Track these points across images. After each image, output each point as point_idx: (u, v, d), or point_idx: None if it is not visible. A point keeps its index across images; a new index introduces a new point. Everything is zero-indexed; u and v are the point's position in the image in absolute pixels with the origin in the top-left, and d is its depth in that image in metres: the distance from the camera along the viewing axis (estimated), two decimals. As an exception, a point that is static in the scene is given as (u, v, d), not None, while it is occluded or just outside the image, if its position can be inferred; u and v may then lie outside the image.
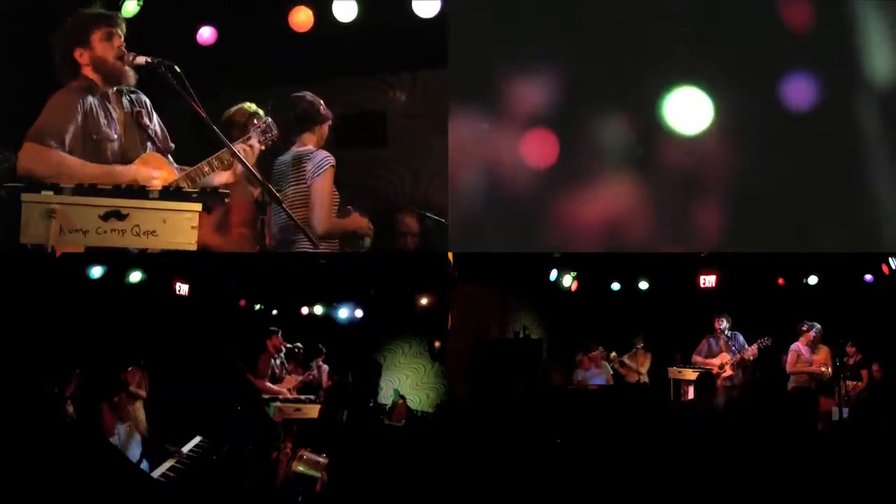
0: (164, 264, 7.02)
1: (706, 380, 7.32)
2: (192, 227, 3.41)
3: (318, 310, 9.81)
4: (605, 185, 4.52)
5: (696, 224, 4.50)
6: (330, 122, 4.82)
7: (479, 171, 4.61)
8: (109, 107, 3.94)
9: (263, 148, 4.37)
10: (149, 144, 4.05)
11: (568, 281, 8.72)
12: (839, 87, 4.38)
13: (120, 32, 3.94)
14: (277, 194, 4.08)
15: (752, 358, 7.69)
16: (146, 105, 4.14)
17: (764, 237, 4.44)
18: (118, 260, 6.33)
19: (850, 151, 4.39)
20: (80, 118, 3.78)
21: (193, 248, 3.45)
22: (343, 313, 9.78)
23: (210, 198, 3.53)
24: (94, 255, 5.77)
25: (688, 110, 4.42)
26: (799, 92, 4.37)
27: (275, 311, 9.34)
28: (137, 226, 3.35)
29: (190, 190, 3.59)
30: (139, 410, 5.35)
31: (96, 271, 6.31)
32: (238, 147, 3.97)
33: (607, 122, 4.50)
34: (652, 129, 4.47)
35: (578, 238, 4.54)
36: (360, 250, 4.85)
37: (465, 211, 4.65)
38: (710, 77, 4.41)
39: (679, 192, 4.49)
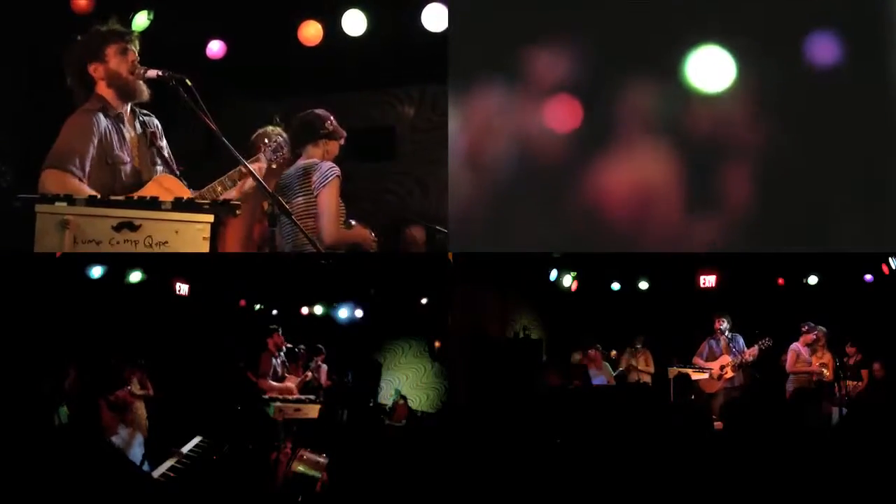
0: (164, 264, 7.02)
1: (683, 381, 7.34)
2: (204, 239, 3.44)
3: (318, 310, 9.82)
4: (631, 149, 4.50)
5: (724, 185, 4.47)
6: (341, 142, 4.83)
7: (503, 141, 4.59)
8: (123, 129, 3.98)
9: (275, 166, 4.42)
10: (161, 167, 4.07)
11: (568, 281, 8.72)
12: (863, 45, 4.36)
13: (134, 48, 3.97)
14: (287, 207, 4.12)
15: (751, 359, 7.70)
16: (158, 127, 4.17)
17: (792, 198, 4.40)
18: (118, 260, 6.33)
19: (874, 109, 4.36)
20: (95, 142, 3.81)
21: None
22: (343, 313, 9.78)
23: (221, 210, 3.56)
24: (94, 255, 5.77)
25: (711, 69, 4.40)
26: (823, 50, 4.35)
27: (275, 311, 9.35)
28: (150, 237, 3.39)
29: (201, 201, 3.62)
30: (140, 409, 5.36)
31: (96, 271, 6.31)
32: (251, 166, 3.99)
33: (631, 85, 4.46)
34: (675, 90, 4.44)
35: (607, 204, 4.50)
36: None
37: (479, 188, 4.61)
38: (733, 36, 4.39)
39: (706, 152, 4.46)
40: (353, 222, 4.80)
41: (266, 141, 4.35)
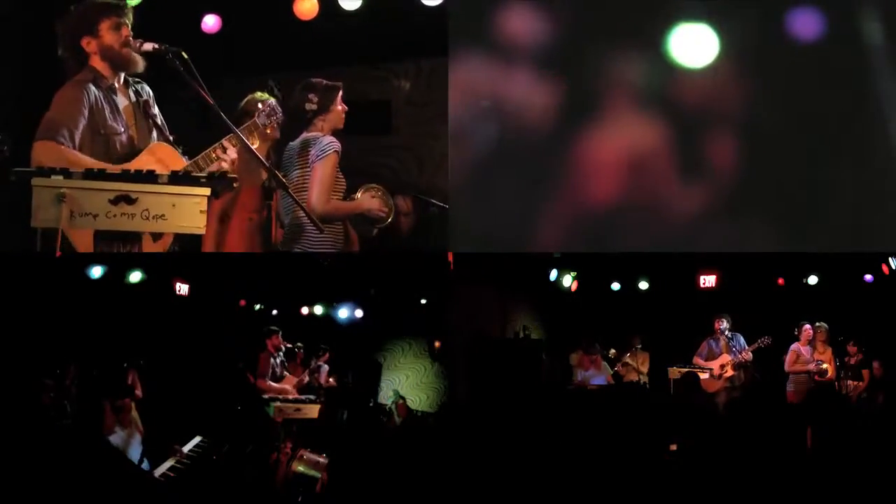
0: (164, 264, 7.02)
1: (689, 379, 7.35)
2: (201, 212, 3.46)
3: (318, 310, 9.81)
4: (615, 123, 4.49)
5: (710, 159, 4.47)
6: (339, 108, 4.79)
7: (486, 115, 4.58)
8: (115, 99, 3.96)
9: (269, 131, 4.41)
10: (155, 134, 4.07)
11: (568, 281, 8.72)
12: (845, 16, 4.36)
13: (128, 22, 3.97)
14: (283, 179, 4.13)
15: (749, 359, 7.70)
16: (150, 95, 4.17)
17: (777, 171, 4.40)
18: (118, 260, 6.32)
19: (856, 80, 4.36)
20: (86, 112, 3.80)
21: (202, 231, 3.52)
22: (343, 313, 9.77)
23: (218, 182, 3.59)
24: (95, 256, 5.77)
25: (693, 44, 4.40)
26: (804, 23, 4.35)
27: (275, 311, 9.34)
28: (147, 210, 3.40)
29: (198, 175, 3.63)
30: (133, 410, 5.36)
31: (96, 271, 6.30)
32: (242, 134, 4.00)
33: (614, 59, 4.46)
34: (659, 64, 4.44)
35: (591, 182, 4.49)
36: (372, 234, 4.88)
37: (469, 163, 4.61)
38: (714, 10, 4.39)
39: (691, 126, 4.46)
40: (360, 193, 4.80)
41: (259, 106, 4.34)
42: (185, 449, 5.09)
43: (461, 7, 4.71)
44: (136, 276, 6.79)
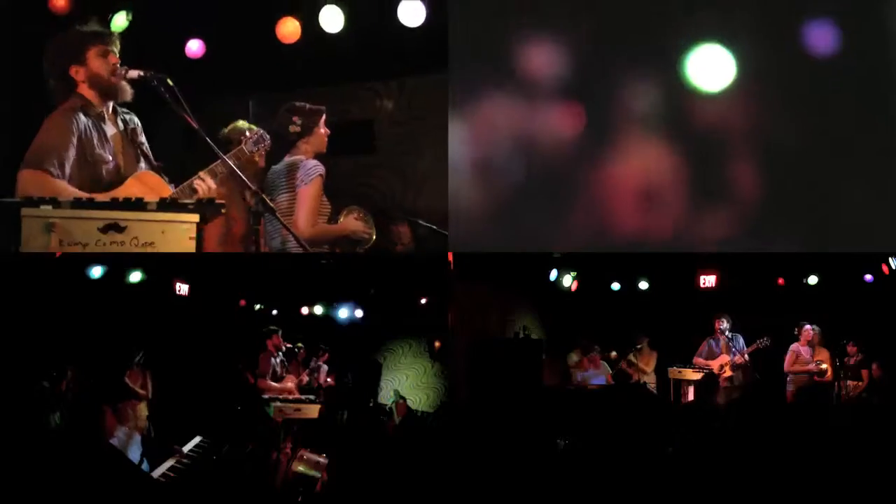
0: (164, 264, 7.02)
1: (709, 381, 7.33)
2: (190, 238, 3.45)
3: (318, 310, 9.81)
4: (634, 148, 4.50)
5: (730, 181, 4.48)
6: (322, 131, 4.81)
7: (507, 145, 4.59)
8: (103, 127, 3.96)
9: (257, 158, 4.42)
10: (143, 163, 4.07)
11: (568, 281, 8.71)
12: (861, 33, 4.36)
13: (115, 50, 3.97)
14: (270, 204, 4.13)
15: (747, 359, 7.71)
16: (137, 124, 4.17)
17: (797, 191, 4.41)
18: (118, 260, 6.32)
19: (874, 97, 4.37)
20: (74, 141, 3.79)
21: None
22: (343, 313, 9.77)
23: (207, 209, 3.57)
24: (94, 255, 5.77)
25: (710, 67, 4.41)
26: (821, 39, 4.36)
27: (275, 311, 9.34)
28: (136, 238, 3.39)
29: (187, 201, 3.62)
30: (142, 410, 5.36)
31: (96, 271, 6.31)
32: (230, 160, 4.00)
33: (630, 83, 4.47)
34: (676, 87, 4.45)
35: (614, 205, 4.50)
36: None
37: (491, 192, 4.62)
38: (730, 31, 4.40)
39: (710, 149, 4.47)
40: (342, 216, 4.81)
41: (247, 133, 4.34)
42: (185, 449, 5.10)
43: (461, 29, 4.72)
44: (136, 276, 6.80)
